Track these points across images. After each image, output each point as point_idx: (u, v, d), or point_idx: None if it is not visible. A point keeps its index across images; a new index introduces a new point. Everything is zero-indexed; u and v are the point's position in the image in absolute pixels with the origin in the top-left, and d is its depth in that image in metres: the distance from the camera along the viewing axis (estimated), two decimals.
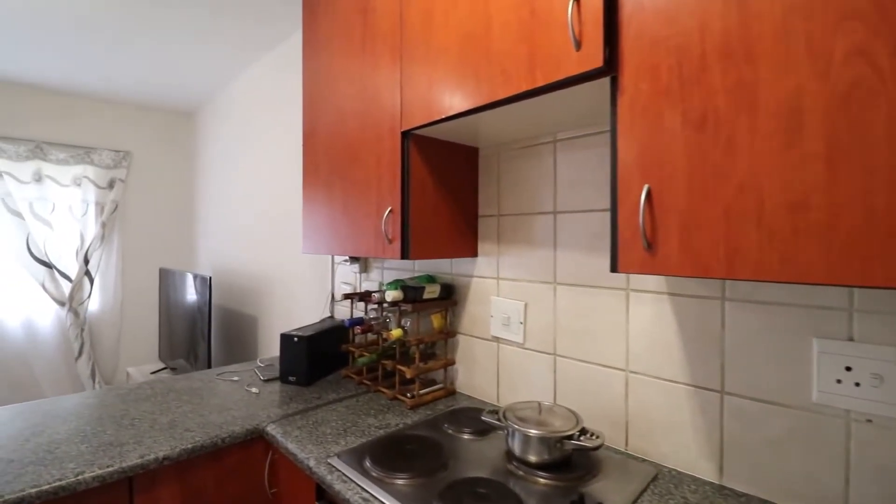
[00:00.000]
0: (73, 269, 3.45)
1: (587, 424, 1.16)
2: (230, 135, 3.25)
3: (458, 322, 1.49)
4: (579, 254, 1.18)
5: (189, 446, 1.12)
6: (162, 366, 3.49)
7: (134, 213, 3.77)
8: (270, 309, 2.70)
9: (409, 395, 1.39)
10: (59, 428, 1.20)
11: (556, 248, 1.23)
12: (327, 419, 1.28)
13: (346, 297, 1.61)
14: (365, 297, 1.57)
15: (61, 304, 3.41)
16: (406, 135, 1.22)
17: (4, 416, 1.26)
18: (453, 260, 1.52)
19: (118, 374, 3.74)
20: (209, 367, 2.65)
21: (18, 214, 3.20)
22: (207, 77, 3.04)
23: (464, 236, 1.39)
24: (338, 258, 2.07)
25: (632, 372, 1.08)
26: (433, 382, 1.51)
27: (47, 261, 3.33)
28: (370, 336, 1.71)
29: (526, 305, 1.30)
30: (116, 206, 3.64)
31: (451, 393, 1.46)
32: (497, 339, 1.38)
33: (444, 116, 1.07)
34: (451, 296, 1.49)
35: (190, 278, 2.86)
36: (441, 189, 1.31)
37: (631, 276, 1.09)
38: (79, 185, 3.47)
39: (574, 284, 1.19)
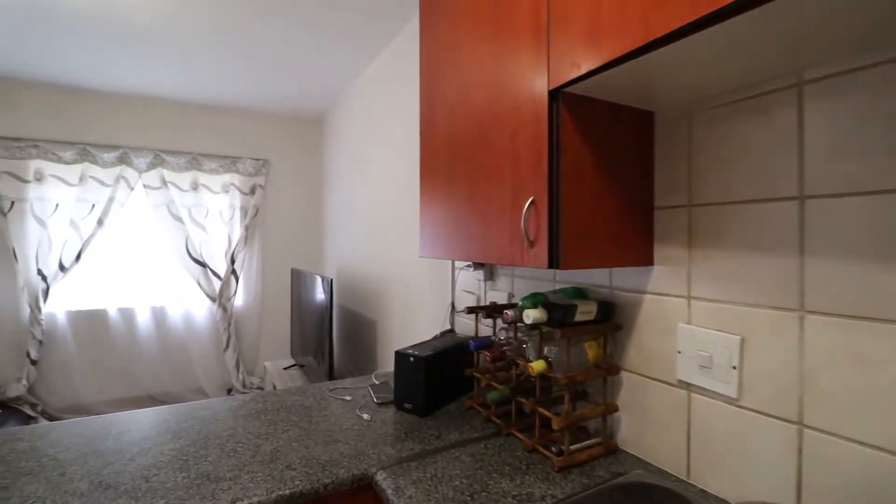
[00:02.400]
0: (222, 269, 3.76)
1: None
2: (352, 138, 3.22)
3: (621, 354, 1.09)
4: (854, 264, 0.71)
5: (287, 492, 0.92)
6: (293, 362, 3.62)
7: (271, 217, 4.02)
8: (389, 314, 2.56)
9: (554, 448, 1.03)
10: (166, 447, 1.10)
11: (805, 254, 0.77)
12: (449, 472, 0.99)
13: (471, 311, 1.32)
14: (494, 312, 1.26)
15: (212, 299, 3.74)
16: (555, 95, 0.87)
17: (122, 426, 1.21)
18: (613, 269, 1.12)
19: (258, 366, 4.02)
20: (331, 367, 2.61)
21: (179, 219, 3.57)
22: (332, 79, 3.03)
23: (633, 237, 1.00)
24: (459, 262, 1.80)
25: None
26: (585, 431, 1.13)
27: (202, 260, 3.67)
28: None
29: (743, 341, 0.85)
30: (257, 211, 3.90)
31: (612, 451, 1.07)
32: (688, 386, 0.95)
33: (623, 53, 0.70)
34: (610, 318, 1.10)
35: (318, 279, 2.87)
36: (602, 171, 0.94)
37: None
38: (227, 191, 3.78)
39: (843, 315, 0.72)
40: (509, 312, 1.09)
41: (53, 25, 2.25)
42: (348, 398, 1.45)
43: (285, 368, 3.52)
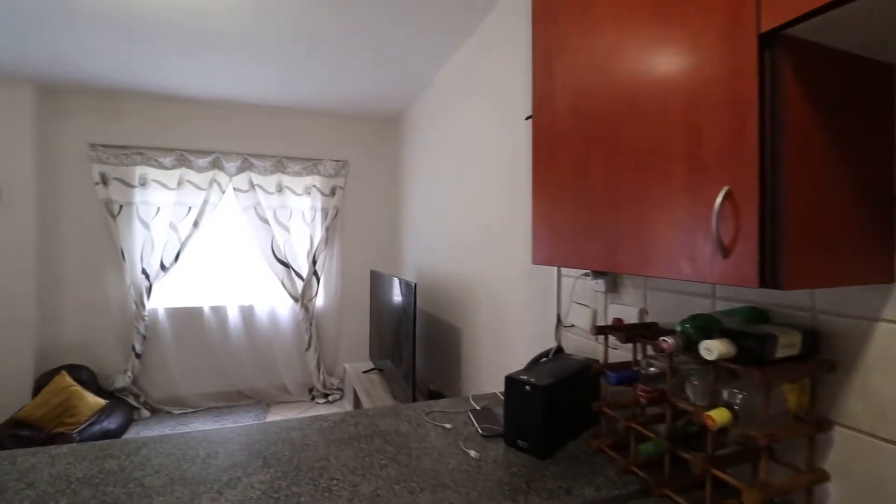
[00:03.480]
0: (304, 269, 3.80)
1: None
2: (434, 135, 3.07)
3: (833, 403, 0.80)
4: None
5: None
6: (372, 366, 3.55)
7: (350, 218, 4.00)
8: (476, 323, 2.36)
9: None
10: (255, 478, 0.97)
11: None
12: None
13: (600, 331, 1.07)
14: (640, 336, 1.00)
15: (295, 299, 3.78)
16: (769, 41, 0.61)
17: (210, 446, 1.11)
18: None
19: (337, 367, 4.02)
20: (414, 378, 2.46)
21: (266, 221, 3.64)
22: (415, 70, 2.90)
23: (866, 241, 0.70)
24: (568, 269, 1.55)
25: None
26: (771, 502, 0.85)
27: (286, 261, 3.72)
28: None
29: None
30: (337, 212, 3.89)
31: None
32: None
33: None
34: (817, 353, 0.80)
35: (396, 282, 2.76)
36: (832, 148, 0.66)
37: None
38: (309, 193, 3.81)
39: None
40: (669, 340, 0.83)
41: (156, 40, 2.31)
42: (448, 426, 1.26)
43: (364, 372, 3.46)
